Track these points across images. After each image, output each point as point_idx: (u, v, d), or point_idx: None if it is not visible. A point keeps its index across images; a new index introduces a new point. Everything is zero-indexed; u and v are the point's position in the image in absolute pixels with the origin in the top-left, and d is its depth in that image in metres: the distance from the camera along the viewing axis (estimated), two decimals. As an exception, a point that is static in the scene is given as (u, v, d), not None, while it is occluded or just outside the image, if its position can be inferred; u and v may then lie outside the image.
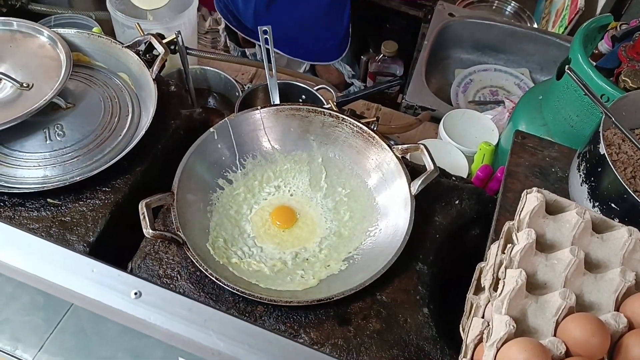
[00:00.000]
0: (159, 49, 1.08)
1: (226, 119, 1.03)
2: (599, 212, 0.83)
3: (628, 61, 1.13)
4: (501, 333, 0.59)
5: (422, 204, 0.99)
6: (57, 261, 0.74)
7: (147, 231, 0.86)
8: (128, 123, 1.03)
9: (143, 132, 0.98)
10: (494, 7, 2.11)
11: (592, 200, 0.85)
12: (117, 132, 1.01)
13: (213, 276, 0.86)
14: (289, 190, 1.06)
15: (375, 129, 1.28)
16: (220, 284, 0.86)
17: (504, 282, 0.65)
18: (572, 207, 0.71)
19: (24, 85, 0.99)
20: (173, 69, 1.37)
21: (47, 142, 0.98)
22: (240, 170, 1.05)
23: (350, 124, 1.05)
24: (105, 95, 1.05)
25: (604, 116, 0.87)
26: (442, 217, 1.01)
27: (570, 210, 0.70)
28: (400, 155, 1.01)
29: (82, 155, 0.97)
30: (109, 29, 1.44)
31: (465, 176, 1.22)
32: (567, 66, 0.90)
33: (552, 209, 0.73)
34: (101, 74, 1.10)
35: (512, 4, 2.11)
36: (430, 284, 0.93)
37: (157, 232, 0.87)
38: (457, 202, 1.03)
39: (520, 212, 0.71)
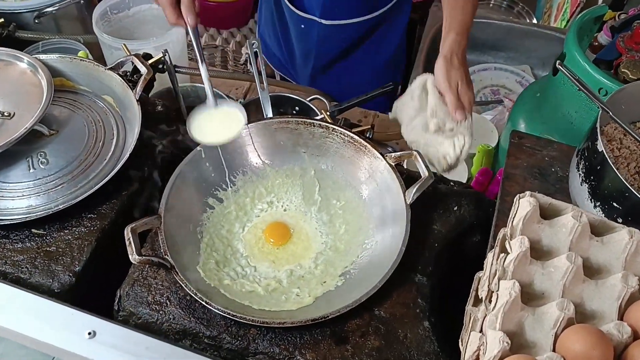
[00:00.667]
0: (142, 69, 1.06)
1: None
2: (601, 212, 0.79)
3: (627, 52, 1.08)
4: (495, 351, 0.56)
5: (419, 212, 0.95)
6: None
7: (134, 257, 0.83)
8: (113, 146, 1.01)
9: (127, 155, 0.96)
10: (491, 5, 2.07)
11: (593, 200, 0.81)
12: (102, 157, 0.99)
13: (203, 300, 0.83)
14: (282, 206, 1.03)
15: (370, 137, 1.25)
16: (211, 308, 0.83)
17: (497, 294, 0.61)
18: (568, 210, 0.66)
19: (5, 114, 0.97)
20: (163, 87, 1.35)
21: (31, 170, 0.96)
22: (231, 187, 1.02)
23: (340, 133, 1.02)
24: (90, 120, 1.04)
25: (600, 111, 0.83)
26: (440, 224, 0.97)
27: (566, 214, 0.66)
28: (394, 164, 0.98)
29: (67, 183, 0.95)
30: (98, 52, 1.42)
31: (464, 181, 1.18)
32: (557, 61, 0.86)
33: (548, 213, 0.69)
34: (85, 98, 1.08)
35: (507, 1, 2.08)
36: (430, 295, 0.89)
37: (144, 257, 0.85)
38: (455, 208, 1.00)
39: (513, 218, 0.67)
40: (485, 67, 1.81)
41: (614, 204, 0.78)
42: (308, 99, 1.33)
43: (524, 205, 0.66)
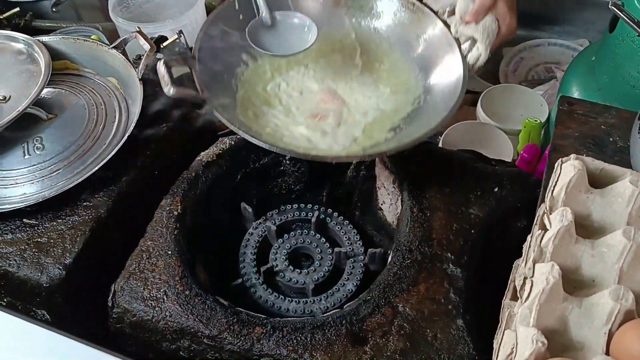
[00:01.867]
0: (145, 46, 0.98)
1: None
2: (671, 184, 0.64)
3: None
4: (526, 353, 0.43)
5: (453, 194, 0.85)
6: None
7: (168, 89, 0.77)
8: (114, 130, 0.93)
9: (125, 137, 0.88)
10: (542, -24, 1.90)
11: (660, 170, 0.66)
12: (102, 141, 0.92)
13: (248, 134, 0.77)
14: (320, 69, 0.94)
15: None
16: (257, 142, 0.76)
17: (531, 281, 0.48)
18: (626, 175, 0.52)
19: (0, 98, 0.91)
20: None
21: (26, 157, 0.89)
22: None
23: None
24: (91, 102, 0.96)
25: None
26: (477, 208, 0.85)
27: (623, 180, 0.52)
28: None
29: (63, 169, 0.88)
30: (116, 39, 1.36)
31: (509, 159, 1.04)
32: (610, 2, 0.71)
33: (600, 181, 0.56)
34: (89, 81, 1.02)
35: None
36: (466, 289, 0.77)
37: (180, 89, 0.78)
38: (496, 189, 0.87)
39: (553, 187, 0.54)
40: (538, 43, 1.64)
41: (688, 173, 0.63)
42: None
43: (568, 170, 0.53)
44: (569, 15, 1.64)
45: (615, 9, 0.68)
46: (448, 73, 0.88)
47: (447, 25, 0.90)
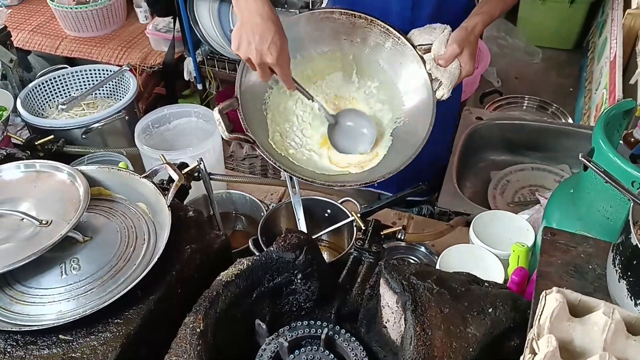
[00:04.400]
0: (174, 176, 1.10)
1: None
2: (643, 311, 0.74)
3: (660, 145, 1.06)
4: None
5: (452, 314, 0.92)
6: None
7: (225, 134, 1.08)
8: (143, 251, 1.02)
9: (155, 259, 0.97)
10: (524, 107, 2.09)
11: (632, 297, 0.76)
12: (132, 261, 1.01)
13: (282, 168, 1.12)
14: (325, 85, 1.27)
15: (402, 237, 1.24)
16: (286, 171, 1.15)
17: (524, 401, 0.56)
18: (600, 307, 0.62)
19: (43, 222, 1.01)
20: (200, 194, 1.39)
21: (63, 276, 0.98)
22: None
23: (378, 25, 1.21)
24: (123, 226, 1.06)
25: (632, 203, 0.80)
26: (474, 327, 0.93)
27: (598, 311, 0.62)
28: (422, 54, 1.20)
29: (97, 288, 0.97)
30: (139, 164, 1.49)
31: (501, 281, 1.14)
32: (580, 154, 0.84)
33: (579, 310, 0.65)
34: (121, 205, 1.12)
35: (541, 103, 2.09)
36: (466, 405, 0.83)
37: (233, 135, 1.09)
38: (490, 310, 0.95)
39: (540, 316, 0.63)
40: (522, 167, 1.80)
41: (656, 301, 0.73)
42: (339, 202, 1.34)
43: (551, 302, 0.63)
44: (551, 142, 1.81)
45: (584, 160, 0.81)
46: (421, 99, 1.19)
47: (424, 60, 1.18)
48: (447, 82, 1.18)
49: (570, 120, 2.04)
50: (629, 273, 0.77)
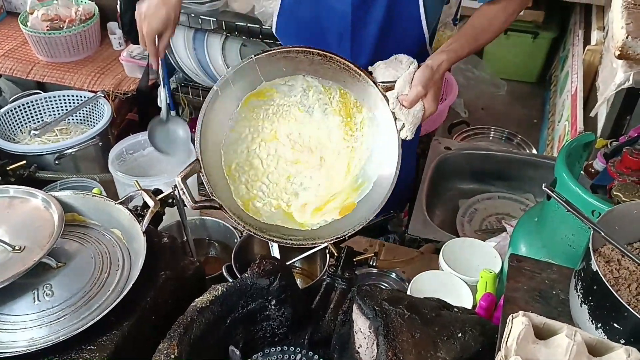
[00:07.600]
0: (149, 202, 1.11)
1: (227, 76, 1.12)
2: (603, 334, 0.78)
3: (618, 176, 1.12)
4: None
5: (422, 339, 0.94)
6: None
7: (191, 205, 1.04)
8: (117, 277, 1.03)
9: (130, 285, 0.98)
10: (490, 138, 2.16)
11: (593, 321, 0.80)
12: (106, 288, 1.01)
13: (252, 232, 1.09)
14: (287, 121, 1.20)
15: (374, 264, 1.26)
16: (259, 236, 1.11)
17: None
18: (563, 330, 0.66)
19: (16, 248, 1.01)
20: (173, 221, 1.40)
21: (35, 302, 0.97)
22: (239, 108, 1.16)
23: (337, 62, 1.13)
24: (97, 252, 1.07)
25: (592, 231, 0.84)
26: (444, 352, 0.95)
27: (561, 333, 0.65)
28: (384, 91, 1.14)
29: (70, 314, 0.96)
30: (113, 190, 1.49)
31: (470, 307, 1.17)
32: (544, 184, 0.89)
33: (543, 333, 0.68)
34: (95, 232, 1.12)
35: (507, 134, 2.16)
36: None
37: (199, 204, 1.06)
38: (460, 335, 0.98)
39: (507, 339, 0.66)
40: (489, 196, 1.85)
41: (615, 325, 0.76)
42: (312, 229, 1.35)
43: (517, 325, 0.66)
44: (516, 172, 1.87)
45: (547, 190, 0.85)
46: (388, 137, 1.15)
47: (386, 98, 1.14)
48: (411, 125, 1.15)
49: (534, 151, 2.11)
50: (590, 298, 0.81)
